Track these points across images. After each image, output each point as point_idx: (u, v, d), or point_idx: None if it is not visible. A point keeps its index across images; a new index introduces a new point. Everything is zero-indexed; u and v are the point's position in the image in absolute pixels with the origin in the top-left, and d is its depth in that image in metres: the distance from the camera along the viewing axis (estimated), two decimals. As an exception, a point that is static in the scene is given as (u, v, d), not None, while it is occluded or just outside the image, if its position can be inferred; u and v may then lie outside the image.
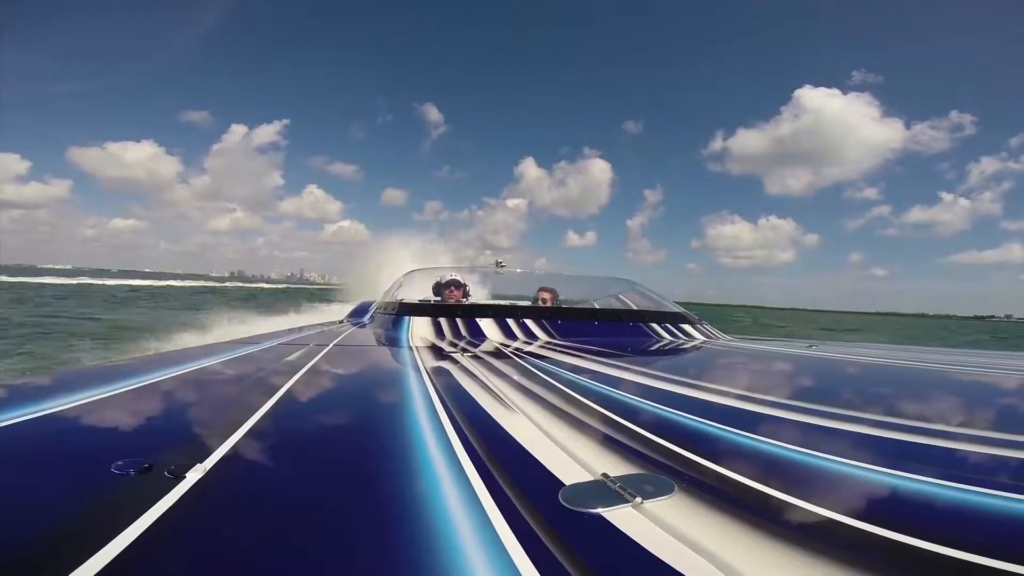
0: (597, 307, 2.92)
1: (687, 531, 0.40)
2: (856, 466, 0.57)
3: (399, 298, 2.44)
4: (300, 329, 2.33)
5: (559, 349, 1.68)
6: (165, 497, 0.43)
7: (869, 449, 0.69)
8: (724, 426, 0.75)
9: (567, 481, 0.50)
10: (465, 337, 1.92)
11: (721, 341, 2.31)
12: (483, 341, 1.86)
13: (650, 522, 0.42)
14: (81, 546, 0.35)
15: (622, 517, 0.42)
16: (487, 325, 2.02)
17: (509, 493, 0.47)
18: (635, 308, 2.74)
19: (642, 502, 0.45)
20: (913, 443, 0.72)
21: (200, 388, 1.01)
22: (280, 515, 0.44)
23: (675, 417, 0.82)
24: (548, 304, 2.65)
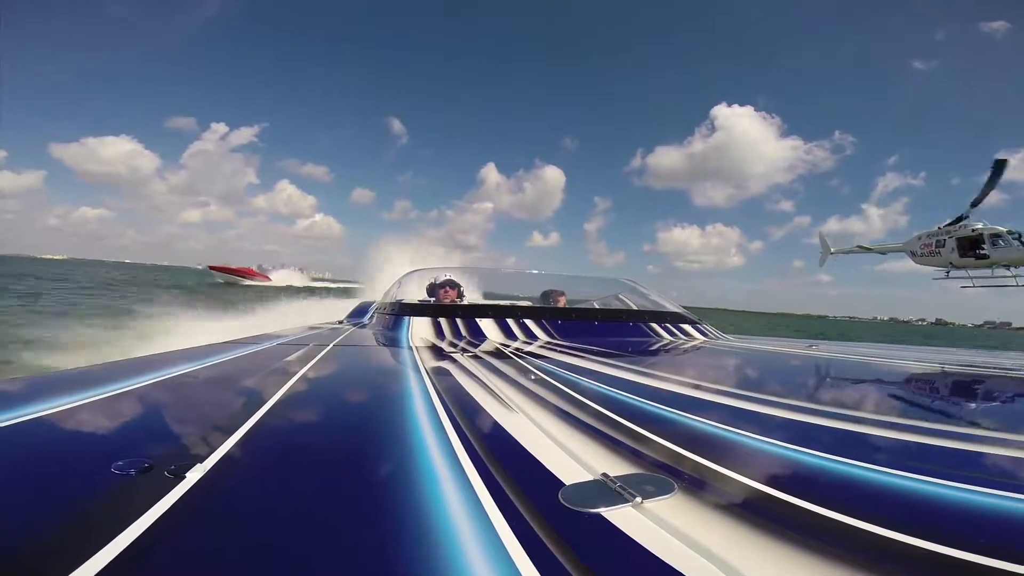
0: (597, 307, 2.92)
1: (687, 531, 0.40)
2: (857, 466, 0.57)
3: (399, 298, 2.44)
4: (300, 329, 2.33)
5: (559, 349, 1.68)
6: (165, 497, 0.43)
7: (869, 449, 0.69)
8: (724, 426, 0.75)
9: (567, 481, 0.50)
10: (465, 337, 1.92)
11: (721, 341, 2.31)
12: (483, 341, 1.86)
13: (650, 522, 0.42)
14: (81, 546, 0.35)
15: (622, 517, 0.42)
16: (487, 325, 2.02)
17: (509, 493, 0.47)
18: (635, 308, 2.74)
19: (642, 502, 0.45)
20: (913, 442, 0.72)
21: (200, 388, 1.01)
22: (280, 515, 0.44)
23: (675, 417, 0.82)
24: (561, 305, 2.66)
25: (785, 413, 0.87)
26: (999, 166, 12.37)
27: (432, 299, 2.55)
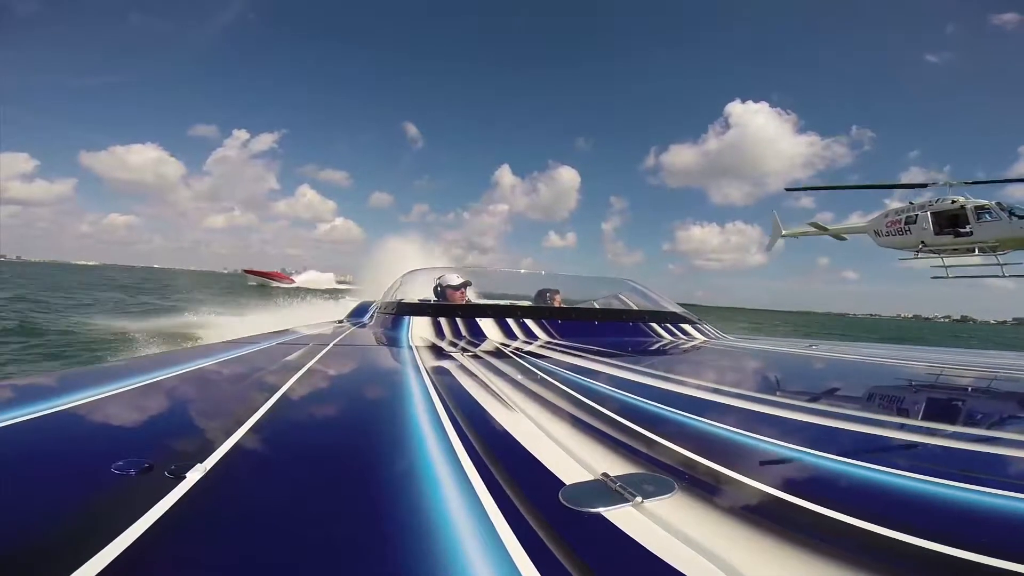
0: (597, 307, 2.92)
1: (687, 531, 0.40)
2: (857, 465, 0.57)
3: (399, 298, 2.44)
4: (300, 329, 2.33)
5: (559, 349, 1.68)
6: (165, 497, 0.43)
7: (869, 448, 0.69)
8: (725, 425, 0.75)
9: (567, 481, 0.50)
10: (465, 337, 1.92)
11: (721, 341, 2.31)
12: (483, 341, 1.86)
13: (650, 522, 0.42)
14: (81, 546, 0.35)
15: (622, 517, 0.42)
16: (487, 325, 2.02)
17: (509, 493, 0.47)
18: (635, 308, 2.74)
19: (642, 502, 0.45)
20: (914, 442, 0.72)
21: (200, 388, 1.01)
22: (280, 515, 0.44)
23: (675, 416, 0.82)
24: (557, 303, 2.66)
25: (785, 412, 0.87)
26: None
27: (438, 299, 2.54)
